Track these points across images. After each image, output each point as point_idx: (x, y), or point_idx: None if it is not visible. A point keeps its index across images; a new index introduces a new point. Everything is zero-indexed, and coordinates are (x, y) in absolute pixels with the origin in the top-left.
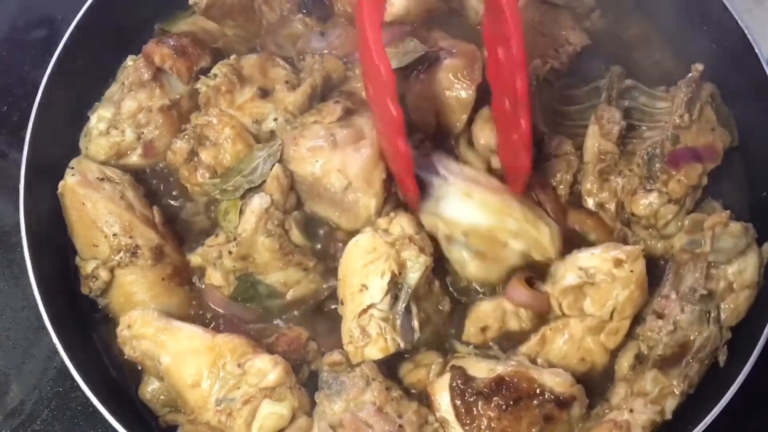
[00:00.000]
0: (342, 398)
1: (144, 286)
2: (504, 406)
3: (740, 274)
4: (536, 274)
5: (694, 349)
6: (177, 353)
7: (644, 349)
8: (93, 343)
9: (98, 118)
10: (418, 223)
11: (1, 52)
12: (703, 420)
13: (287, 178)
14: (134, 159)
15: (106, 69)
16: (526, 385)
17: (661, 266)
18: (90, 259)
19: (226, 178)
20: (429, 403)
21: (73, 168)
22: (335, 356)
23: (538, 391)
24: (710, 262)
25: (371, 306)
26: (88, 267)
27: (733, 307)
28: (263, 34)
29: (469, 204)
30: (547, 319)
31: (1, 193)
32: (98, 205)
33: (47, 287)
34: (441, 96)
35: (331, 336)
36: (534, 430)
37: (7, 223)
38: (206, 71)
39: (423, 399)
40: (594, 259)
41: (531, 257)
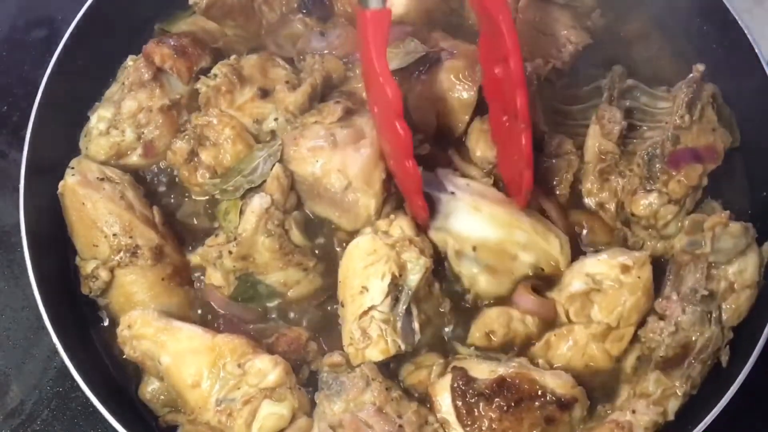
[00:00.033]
0: (342, 398)
1: (144, 286)
2: (505, 408)
3: (741, 274)
4: (543, 281)
5: (696, 350)
6: (177, 353)
7: (646, 350)
8: (93, 343)
9: (98, 118)
10: (418, 225)
11: (1, 52)
12: (703, 420)
13: (287, 178)
14: (134, 159)
15: (106, 69)
16: (527, 386)
17: (662, 266)
18: (90, 259)
19: (226, 178)
20: (430, 404)
21: (73, 168)
22: (335, 357)
23: (539, 392)
24: (711, 263)
25: (372, 308)
26: (88, 267)
27: (734, 307)
28: (263, 34)
29: (478, 218)
30: (553, 326)
31: (1, 193)
32: (98, 205)
33: (47, 287)
34: (442, 97)
35: (332, 336)
36: (535, 431)
37: (7, 223)
38: (206, 71)
39: (424, 400)
40: (601, 265)
41: (541, 269)
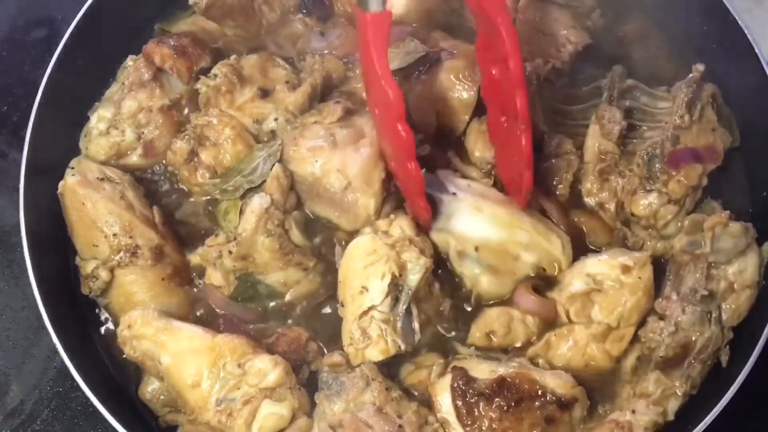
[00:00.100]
0: (342, 398)
1: (144, 286)
2: (505, 407)
3: (741, 274)
4: (544, 282)
5: (696, 350)
6: (177, 353)
7: (646, 350)
8: (93, 343)
9: (98, 118)
10: (418, 225)
11: (1, 52)
12: (703, 420)
13: (287, 178)
14: (134, 159)
15: (106, 69)
16: (527, 386)
17: (662, 266)
18: (90, 259)
19: (226, 178)
20: (430, 404)
21: (73, 168)
22: (335, 357)
23: (539, 392)
24: (710, 263)
25: (372, 308)
26: (88, 267)
27: (734, 307)
28: (263, 34)
29: (480, 218)
30: (553, 326)
31: (1, 193)
32: (98, 205)
33: (47, 287)
34: (442, 97)
35: (332, 336)
36: (535, 431)
37: (7, 223)
38: (206, 71)
39: (424, 400)
40: (602, 266)
41: (543, 269)
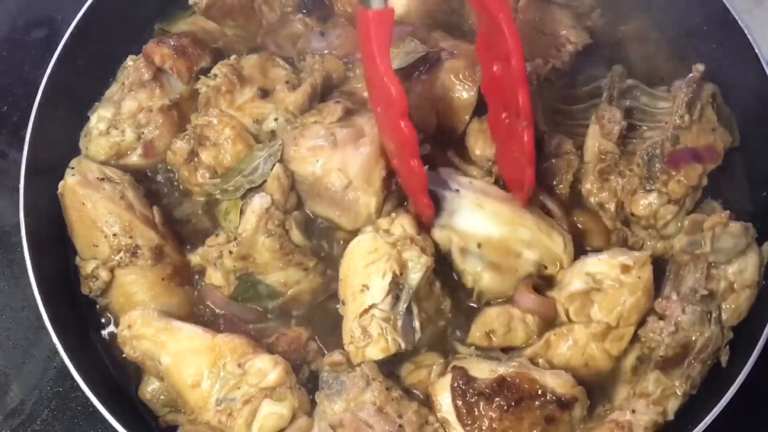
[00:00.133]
0: (342, 398)
1: (144, 286)
2: (505, 407)
3: (741, 273)
4: (544, 281)
5: (696, 350)
6: (177, 353)
7: (646, 350)
8: (93, 343)
9: (98, 118)
10: (419, 224)
11: (1, 52)
12: (703, 420)
13: (288, 178)
14: (134, 159)
15: (106, 69)
16: (527, 385)
17: (661, 266)
18: (90, 259)
19: (226, 178)
20: (430, 404)
21: (73, 168)
22: (336, 356)
23: (539, 392)
24: (710, 263)
25: (372, 306)
26: (88, 267)
27: (734, 307)
28: (263, 34)
29: (482, 215)
30: (553, 325)
31: (1, 193)
32: (98, 205)
33: (47, 287)
34: (442, 97)
35: (332, 336)
36: (535, 430)
37: (7, 223)
38: (206, 71)
39: (424, 400)
40: (601, 265)
41: (544, 267)
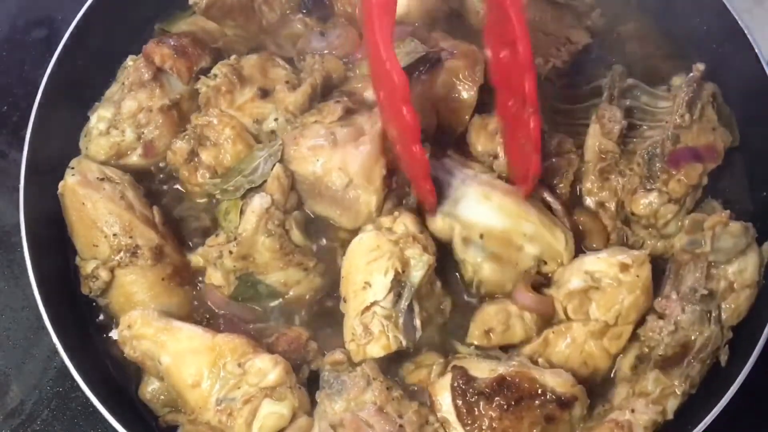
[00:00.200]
0: (343, 398)
1: (144, 286)
2: (505, 406)
3: (741, 273)
4: (543, 278)
5: (696, 349)
6: (177, 353)
7: (645, 349)
8: (93, 343)
9: (98, 118)
10: (422, 222)
11: (1, 52)
12: (703, 420)
13: (288, 178)
14: (134, 159)
15: (106, 69)
16: (527, 385)
17: (661, 266)
18: (90, 259)
19: (226, 178)
20: (430, 404)
21: (73, 168)
22: (337, 355)
23: (539, 391)
24: (710, 262)
25: (374, 303)
26: (88, 267)
27: (734, 306)
28: (263, 34)
29: (488, 206)
30: (551, 323)
31: (1, 193)
32: (98, 205)
33: (47, 287)
34: (442, 97)
35: (332, 336)
36: (535, 430)
37: (7, 223)
38: (206, 71)
39: (424, 400)
40: (600, 263)
41: (544, 262)
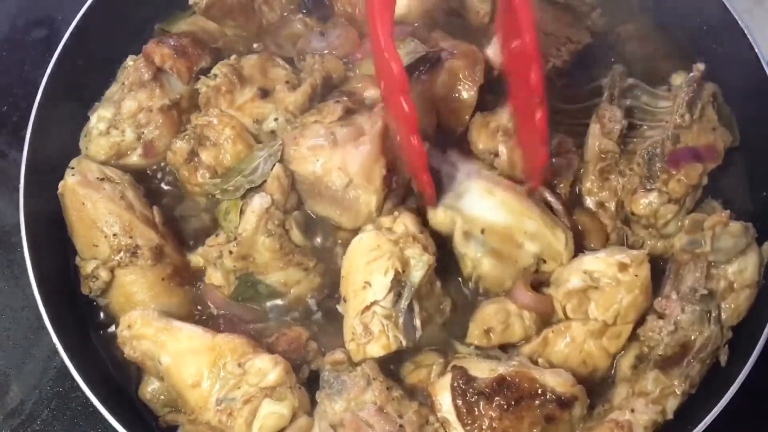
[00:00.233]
0: (343, 398)
1: (144, 286)
2: (505, 406)
3: (740, 273)
4: (541, 277)
5: (695, 349)
6: (177, 353)
7: (645, 349)
8: (93, 343)
9: (98, 118)
10: (422, 222)
11: (1, 52)
12: (703, 420)
13: (288, 177)
14: (134, 159)
15: (106, 69)
16: (527, 385)
17: (661, 266)
18: (90, 259)
19: (226, 178)
20: (430, 404)
21: (73, 168)
22: (337, 355)
23: (539, 391)
24: (710, 262)
25: (374, 303)
26: (88, 267)
27: (734, 306)
28: (263, 34)
29: (491, 202)
30: (550, 322)
31: (1, 193)
32: (98, 205)
33: (47, 287)
34: (442, 97)
35: (332, 336)
36: (535, 430)
37: (7, 223)
38: (206, 71)
39: (424, 400)
40: (599, 263)
41: (543, 261)
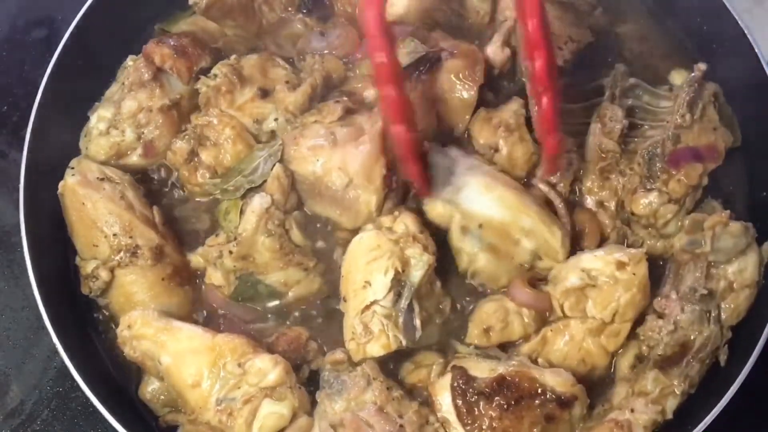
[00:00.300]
0: (343, 397)
1: (144, 286)
2: (505, 406)
3: (740, 273)
4: (539, 274)
5: (695, 349)
6: (177, 353)
7: (645, 349)
8: (93, 343)
9: (98, 118)
10: (422, 222)
11: (1, 52)
12: (703, 420)
13: (288, 177)
14: (134, 159)
15: (106, 69)
16: (527, 384)
17: (661, 266)
18: (90, 259)
19: (226, 178)
20: (430, 404)
21: (73, 168)
22: (337, 355)
23: (539, 390)
24: (710, 262)
25: (374, 302)
26: (88, 267)
27: (734, 306)
28: (263, 34)
29: (490, 197)
30: (548, 320)
31: (1, 193)
32: (98, 205)
33: (47, 287)
34: (443, 97)
35: (332, 336)
36: (535, 429)
37: (7, 223)
38: (206, 71)
39: (424, 399)
40: (597, 261)
41: (540, 258)
